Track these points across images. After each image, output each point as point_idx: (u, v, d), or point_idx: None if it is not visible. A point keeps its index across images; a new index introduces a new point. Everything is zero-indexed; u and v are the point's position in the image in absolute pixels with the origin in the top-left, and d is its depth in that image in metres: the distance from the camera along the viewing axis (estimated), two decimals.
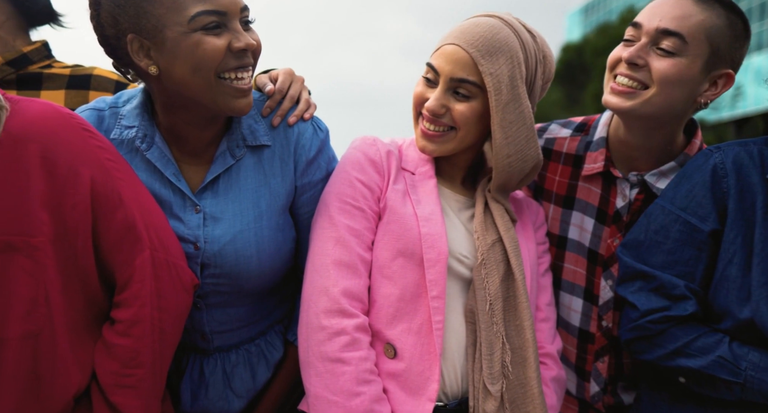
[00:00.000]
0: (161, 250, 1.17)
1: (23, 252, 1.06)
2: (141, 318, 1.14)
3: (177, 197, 1.30)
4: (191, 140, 1.31)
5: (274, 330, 1.48)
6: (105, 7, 1.17)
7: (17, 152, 1.05)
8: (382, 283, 1.28)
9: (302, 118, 1.36)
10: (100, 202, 1.12)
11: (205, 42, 1.15)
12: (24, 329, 1.06)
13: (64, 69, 1.80)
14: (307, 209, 1.39)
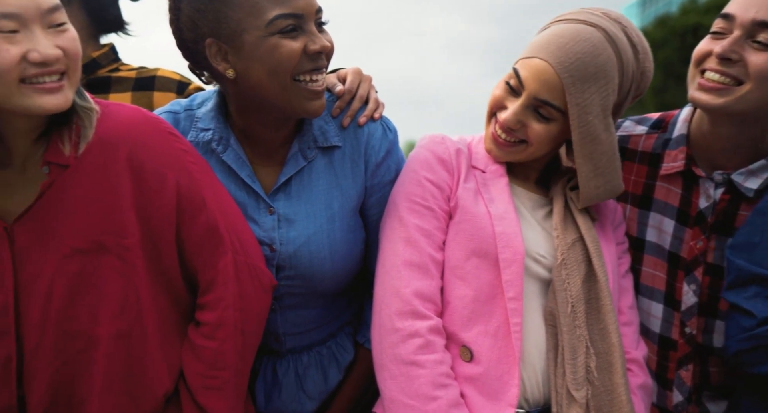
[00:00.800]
0: (242, 252, 1.19)
1: (114, 252, 1.09)
2: (225, 321, 1.15)
3: (251, 199, 1.31)
4: (264, 142, 1.32)
5: (344, 332, 1.47)
6: (185, 11, 1.18)
7: (108, 155, 1.08)
8: (455, 284, 1.25)
9: (372, 117, 1.36)
10: (185, 205, 1.14)
11: (282, 45, 1.15)
12: (116, 328, 1.09)
13: (130, 72, 1.85)
14: (376, 211, 1.38)
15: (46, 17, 0.99)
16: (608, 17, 1.26)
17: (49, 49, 0.98)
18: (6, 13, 0.95)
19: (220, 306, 1.15)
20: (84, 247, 1.08)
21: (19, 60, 0.96)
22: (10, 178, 1.08)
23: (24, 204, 1.08)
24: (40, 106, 1.00)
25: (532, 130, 1.25)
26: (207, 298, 1.17)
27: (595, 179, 1.26)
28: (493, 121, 1.31)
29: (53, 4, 1.00)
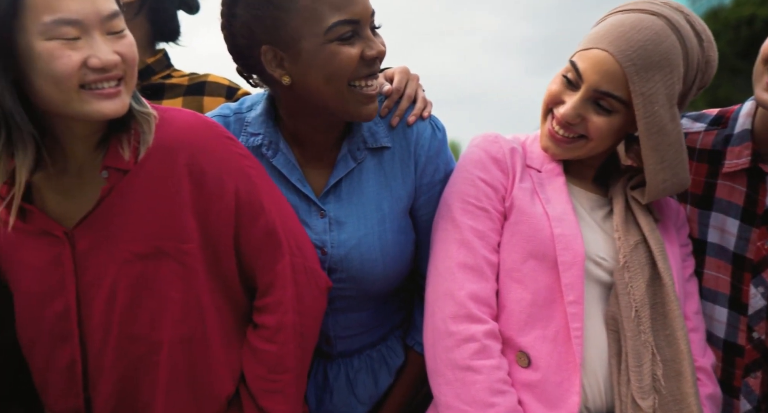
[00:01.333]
0: (299, 255, 1.19)
1: (174, 257, 1.09)
2: (284, 325, 1.15)
3: (302, 202, 1.30)
4: (314, 144, 1.31)
5: (395, 336, 1.46)
6: (240, 18, 1.18)
7: (168, 161, 1.09)
8: (511, 287, 1.22)
9: (421, 116, 1.34)
10: (243, 209, 1.14)
11: (341, 52, 1.15)
12: (179, 332, 1.10)
13: (182, 78, 1.88)
14: (425, 211, 1.36)
15: (106, 24, 0.99)
16: (669, 6, 1.21)
17: (108, 55, 0.99)
18: (68, 20, 0.96)
19: (279, 310, 1.15)
20: (144, 252, 1.09)
21: (79, 66, 0.97)
22: (70, 183, 1.10)
23: (84, 209, 1.10)
24: (99, 112, 1.01)
25: (592, 123, 1.21)
26: (265, 301, 1.17)
27: (662, 172, 1.21)
28: (549, 118, 1.27)
29: (113, 10, 1.01)
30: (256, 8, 1.16)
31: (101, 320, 1.10)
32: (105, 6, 0.99)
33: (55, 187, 1.10)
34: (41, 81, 0.98)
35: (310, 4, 1.13)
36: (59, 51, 0.96)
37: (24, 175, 1.00)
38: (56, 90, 0.98)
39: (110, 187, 1.08)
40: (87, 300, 1.10)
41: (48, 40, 0.95)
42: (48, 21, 0.95)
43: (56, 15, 0.95)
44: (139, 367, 1.12)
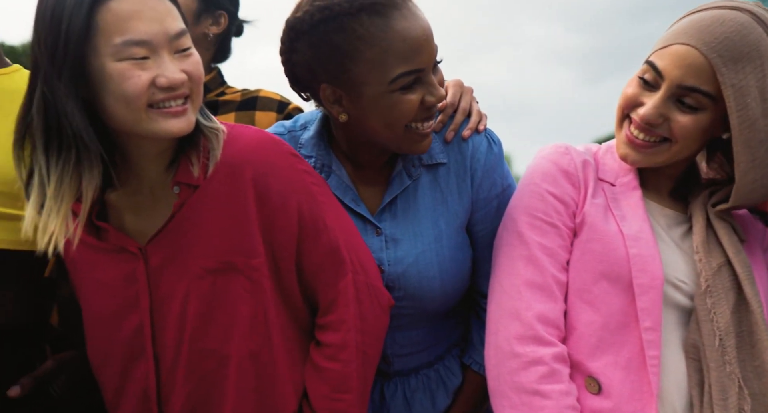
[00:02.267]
0: (362, 273, 1.18)
1: (243, 272, 1.10)
2: (348, 343, 1.14)
3: (358, 221, 1.29)
4: (368, 163, 1.31)
5: (452, 355, 1.41)
6: (302, 54, 1.17)
7: (235, 176, 1.09)
8: (581, 309, 1.15)
9: (476, 130, 1.32)
10: (307, 226, 1.14)
11: (402, 101, 1.15)
12: (246, 347, 1.10)
13: (235, 94, 1.93)
14: (482, 227, 1.33)
15: (173, 43, 1.00)
16: (747, 3, 1.15)
17: (175, 74, 0.99)
18: (138, 41, 0.97)
19: (342, 328, 1.14)
20: (214, 267, 1.09)
21: (148, 86, 0.98)
22: (143, 201, 1.11)
23: (156, 225, 1.11)
24: (166, 130, 1.01)
25: (676, 123, 1.13)
26: (328, 319, 1.16)
27: (752, 171, 1.11)
28: (626, 124, 1.20)
29: (180, 29, 1.02)
30: (320, 50, 1.14)
31: (173, 335, 1.10)
32: (173, 25, 1.00)
33: (128, 205, 1.11)
34: (112, 101, 0.99)
35: (378, 55, 1.12)
36: (129, 71, 0.97)
37: (90, 193, 1.01)
38: (126, 109, 0.99)
39: (181, 203, 1.09)
40: (160, 316, 1.11)
41: (119, 60, 0.97)
42: (119, 42, 0.96)
43: (126, 36, 0.96)
44: (209, 382, 1.11)
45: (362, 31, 1.11)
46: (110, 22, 0.96)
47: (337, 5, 1.12)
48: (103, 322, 1.13)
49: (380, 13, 1.12)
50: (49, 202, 1.00)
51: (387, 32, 1.12)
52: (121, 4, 0.96)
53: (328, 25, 1.12)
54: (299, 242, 1.13)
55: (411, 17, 1.14)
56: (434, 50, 1.17)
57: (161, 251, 1.10)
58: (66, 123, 0.97)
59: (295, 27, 1.16)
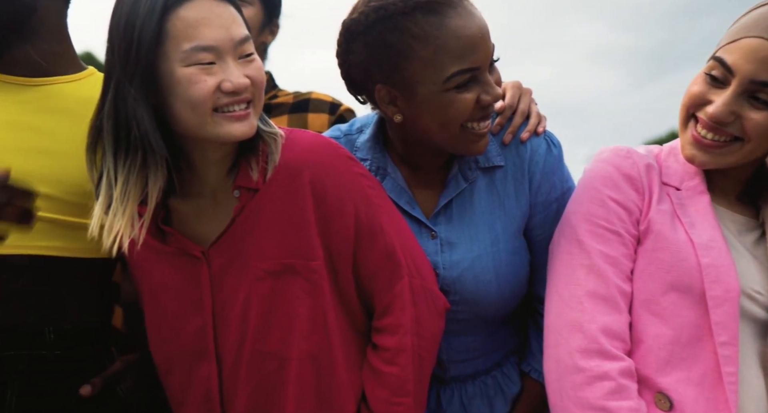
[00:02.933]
0: (417, 276, 1.17)
1: (302, 274, 1.12)
2: (405, 347, 1.14)
3: (413, 224, 1.28)
4: (424, 166, 1.30)
5: (510, 362, 1.39)
6: (358, 55, 1.17)
7: (293, 180, 1.11)
8: (649, 321, 1.11)
9: (535, 132, 1.28)
10: (363, 230, 1.14)
11: (457, 100, 1.14)
12: (306, 348, 1.12)
13: (287, 97, 1.94)
14: (540, 231, 1.30)
15: (238, 48, 1.03)
16: None
17: (239, 78, 1.02)
18: (205, 47, 1.00)
19: (399, 331, 1.14)
20: (274, 269, 1.11)
21: (214, 90, 1.01)
22: (205, 205, 1.14)
23: (218, 229, 1.13)
24: (230, 134, 1.04)
25: (749, 121, 1.07)
26: (385, 322, 1.16)
27: None
28: (692, 124, 1.14)
29: (245, 35, 1.04)
30: (375, 50, 1.14)
31: (235, 336, 1.13)
32: (238, 31, 1.03)
33: (191, 210, 1.15)
34: (179, 105, 1.02)
35: (432, 53, 1.11)
36: (197, 76, 1.00)
37: (155, 195, 1.05)
38: (192, 113, 1.02)
39: (242, 206, 1.12)
40: (222, 318, 1.13)
41: (187, 66, 1.00)
42: (188, 48, 1.00)
43: (195, 42, 1.00)
44: (269, 383, 1.13)
45: (417, 30, 1.11)
46: (180, 29, 1.00)
47: (392, 5, 1.11)
48: (167, 324, 1.17)
49: (435, 11, 1.11)
50: (115, 202, 1.04)
51: (441, 30, 1.11)
52: (189, 12, 1.00)
53: (382, 24, 1.12)
54: (356, 245, 1.14)
55: (466, 15, 1.12)
56: (490, 49, 1.15)
57: (223, 254, 1.12)
58: (134, 126, 1.01)
59: (350, 28, 1.16)
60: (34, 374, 1.15)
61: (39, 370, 1.15)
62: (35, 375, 1.15)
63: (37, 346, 1.15)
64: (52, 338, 1.16)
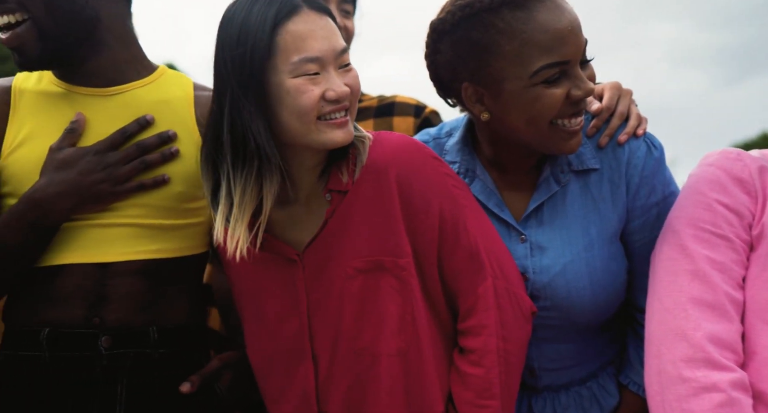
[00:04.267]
0: (502, 278, 1.17)
1: (392, 272, 1.14)
2: (489, 348, 1.13)
3: (501, 227, 1.27)
4: (514, 168, 1.28)
5: (607, 373, 1.34)
6: (444, 54, 1.18)
7: (380, 179, 1.14)
8: (763, 331, 1.04)
9: (634, 134, 1.24)
10: (447, 229, 1.15)
11: (545, 95, 1.12)
12: (396, 346, 1.14)
13: (371, 101, 1.96)
14: (640, 236, 1.25)
15: (338, 59, 1.08)
16: None
17: (341, 87, 1.07)
18: (312, 58, 1.05)
19: (483, 333, 1.13)
20: (364, 267, 1.14)
21: (319, 99, 1.06)
22: (298, 210, 1.18)
23: (311, 233, 1.17)
24: (332, 140, 1.09)
25: None
26: (469, 324, 1.16)
27: None
28: None
29: (344, 46, 1.10)
30: (462, 48, 1.15)
31: (330, 335, 1.16)
32: (338, 43, 1.09)
33: (287, 215, 1.19)
34: (287, 114, 1.07)
35: (518, 47, 1.10)
36: (304, 86, 1.05)
37: (270, 202, 1.10)
38: (299, 122, 1.07)
39: (333, 209, 1.15)
40: (317, 318, 1.17)
41: (295, 77, 1.05)
42: (296, 60, 1.05)
43: (303, 54, 1.05)
44: (363, 380, 1.15)
45: (502, 25, 1.11)
46: (289, 42, 1.05)
47: (478, 2, 1.11)
48: (265, 326, 1.21)
49: (522, 6, 1.10)
50: (235, 211, 1.09)
51: (528, 24, 1.10)
52: (297, 25, 1.05)
53: (468, 21, 1.12)
54: (440, 245, 1.15)
55: (555, 9, 1.11)
56: (582, 43, 1.13)
57: (316, 256, 1.16)
58: (251, 137, 1.05)
59: (437, 28, 1.18)
60: (141, 371, 1.22)
61: (145, 368, 1.22)
62: (141, 372, 1.22)
63: (143, 345, 1.22)
64: (156, 337, 1.23)
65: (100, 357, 1.18)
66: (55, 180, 1.15)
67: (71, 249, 1.20)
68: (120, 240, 1.20)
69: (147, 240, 1.22)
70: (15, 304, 1.24)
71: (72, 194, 1.15)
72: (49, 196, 1.15)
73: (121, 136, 1.20)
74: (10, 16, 1.15)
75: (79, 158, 1.17)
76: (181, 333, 1.27)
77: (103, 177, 1.16)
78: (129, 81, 1.27)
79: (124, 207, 1.21)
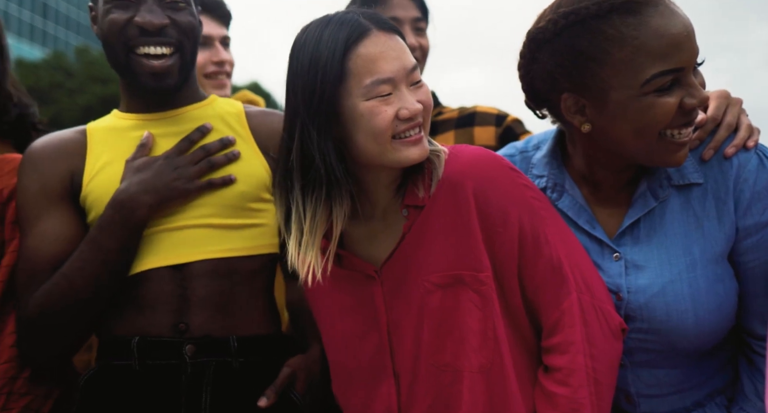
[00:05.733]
0: (587, 293, 1.12)
1: (471, 286, 1.11)
2: (576, 367, 1.08)
3: (593, 244, 1.21)
4: (607, 183, 1.22)
5: (715, 403, 1.24)
6: (543, 64, 1.14)
7: (457, 192, 1.12)
8: None
9: (744, 146, 1.16)
10: (527, 241, 1.12)
11: (657, 105, 1.06)
12: (478, 362, 1.11)
13: (452, 113, 1.96)
14: (753, 257, 1.16)
15: (409, 77, 1.08)
16: None
17: (414, 105, 1.07)
18: (384, 80, 1.05)
19: (570, 350, 1.09)
20: (443, 282, 1.12)
21: (393, 119, 1.06)
22: (376, 227, 1.18)
23: (388, 248, 1.17)
24: (408, 158, 1.08)
25: None
26: (553, 341, 1.11)
27: None
28: None
29: (414, 63, 1.09)
30: (564, 57, 1.10)
31: (411, 352, 1.14)
32: (408, 61, 1.08)
33: (364, 232, 1.19)
34: (362, 136, 1.07)
35: (629, 54, 1.05)
36: (377, 108, 1.05)
37: (340, 224, 1.11)
38: (374, 143, 1.07)
39: (411, 224, 1.14)
40: (397, 334, 1.16)
41: (368, 99, 1.06)
42: (368, 83, 1.05)
43: (375, 77, 1.05)
44: (445, 397, 1.13)
45: (612, 32, 1.06)
46: (360, 66, 1.05)
47: (584, 9, 1.07)
48: (347, 344, 1.20)
49: (634, 11, 1.05)
50: (306, 236, 1.11)
51: (640, 30, 1.05)
52: (368, 48, 1.06)
53: (573, 29, 1.08)
54: (520, 257, 1.12)
55: (669, 14, 1.06)
56: (696, 49, 1.07)
57: (394, 271, 1.15)
58: (321, 162, 1.06)
59: (536, 37, 1.14)
60: (223, 380, 1.26)
61: (227, 376, 1.26)
62: (224, 380, 1.26)
63: (224, 353, 1.26)
64: (236, 346, 1.27)
65: (185, 365, 1.23)
66: (134, 181, 1.26)
67: (151, 255, 1.27)
68: (193, 240, 1.28)
69: (218, 239, 1.28)
70: (106, 315, 1.31)
71: (151, 191, 1.25)
72: (131, 195, 1.24)
73: (187, 142, 1.32)
74: (168, 48, 1.30)
75: (153, 162, 1.29)
76: (259, 342, 1.31)
77: (175, 176, 1.27)
78: (189, 103, 1.39)
79: (194, 208, 1.29)
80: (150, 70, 1.29)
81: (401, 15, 1.82)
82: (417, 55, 1.81)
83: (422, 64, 1.88)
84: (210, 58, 1.97)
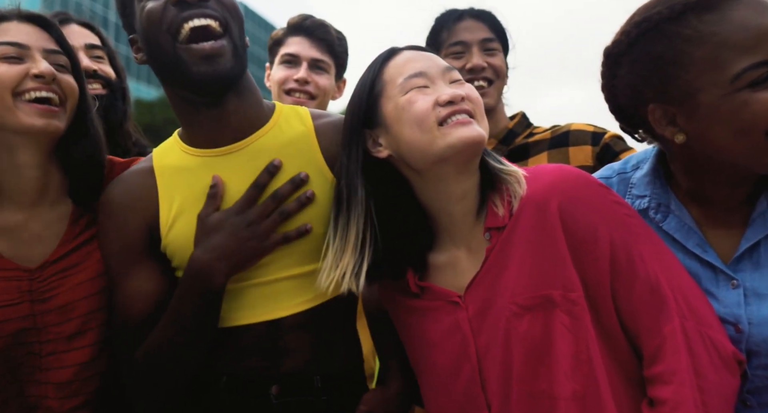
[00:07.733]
0: (691, 318, 1.04)
1: (562, 307, 1.07)
2: (684, 399, 0.99)
3: (705, 270, 1.12)
4: (718, 201, 1.13)
5: None
6: (623, 79, 1.10)
7: (541, 211, 1.10)
8: None
9: None
10: (620, 260, 1.06)
11: (754, 100, 0.98)
12: (571, 389, 1.05)
13: (545, 133, 1.88)
14: None
15: (446, 75, 1.15)
16: None
17: (454, 91, 1.11)
18: (416, 73, 1.13)
19: (674, 380, 1.00)
20: (530, 304, 1.08)
21: (433, 106, 1.10)
22: (458, 254, 1.17)
23: (471, 274, 1.15)
24: (459, 139, 1.10)
25: None
26: (656, 370, 1.03)
27: None
28: None
29: (449, 65, 1.17)
30: (643, 66, 1.06)
31: (501, 380, 1.10)
32: (442, 62, 1.17)
33: (447, 260, 1.18)
34: (408, 130, 1.11)
35: (712, 51, 0.99)
36: (414, 97, 1.11)
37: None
38: (420, 131, 1.10)
39: (493, 246, 1.12)
40: (486, 362, 1.12)
41: (405, 93, 1.12)
42: (401, 80, 1.13)
43: (406, 73, 1.14)
44: None
45: (689, 32, 1.00)
46: (393, 72, 1.15)
47: (656, 14, 1.03)
48: (441, 378, 1.18)
49: (711, 7, 1.00)
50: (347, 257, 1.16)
51: (721, 25, 0.99)
52: (398, 59, 1.17)
53: (648, 37, 1.04)
54: (613, 277, 1.06)
55: (755, 4, 0.99)
56: None
57: (479, 297, 1.13)
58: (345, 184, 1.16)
59: (612, 52, 1.10)
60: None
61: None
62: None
63: (308, 392, 1.25)
64: (320, 385, 1.25)
65: (270, 404, 1.24)
66: (208, 247, 1.19)
67: (244, 310, 1.25)
68: (285, 293, 1.25)
69: (306, 289, 1.24)
70: None
71: (225, 257, 1.18)
72: (205, 263, 1.18)
73: (256, 189, 1.22)
74: (213, 20, 1.18)
75: (224, 221, 1.20)
76: (342, 379, 1.29)
77: (248, 235, 1.19)
78: (255, 129, 1.27)
79: (278, 259, 1.23)
80: (200, 53, 1.16)
81: (468, 38, 1.81)
82: (488, 74, 1.79)
83: (499, 84, 1.84)
84: (292, 75, 2.03)
